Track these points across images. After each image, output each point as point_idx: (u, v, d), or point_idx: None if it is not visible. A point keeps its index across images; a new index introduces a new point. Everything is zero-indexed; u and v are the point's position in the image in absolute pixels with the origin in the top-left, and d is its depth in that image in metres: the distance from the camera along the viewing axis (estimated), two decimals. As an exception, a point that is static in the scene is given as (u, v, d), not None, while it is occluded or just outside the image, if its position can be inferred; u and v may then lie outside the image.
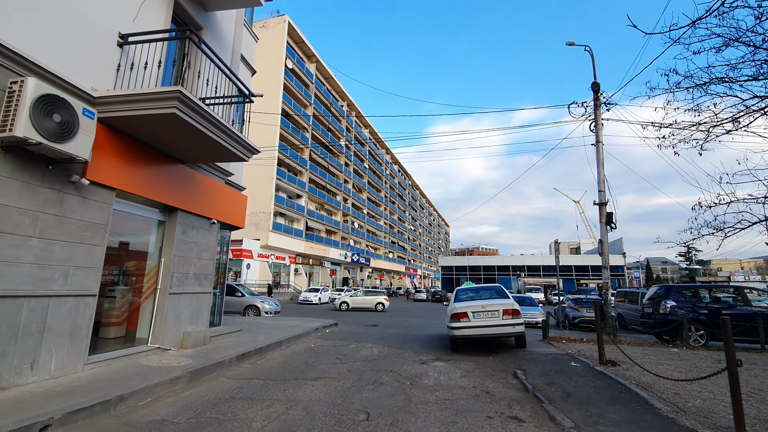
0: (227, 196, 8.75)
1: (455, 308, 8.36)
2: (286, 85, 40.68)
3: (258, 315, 16.18)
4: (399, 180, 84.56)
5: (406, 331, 13.22)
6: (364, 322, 16.74)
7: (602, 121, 14.24)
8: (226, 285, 17.55)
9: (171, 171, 6.90)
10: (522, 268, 51.09)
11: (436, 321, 18.63)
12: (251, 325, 11.71)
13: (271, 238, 36.25)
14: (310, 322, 13.26)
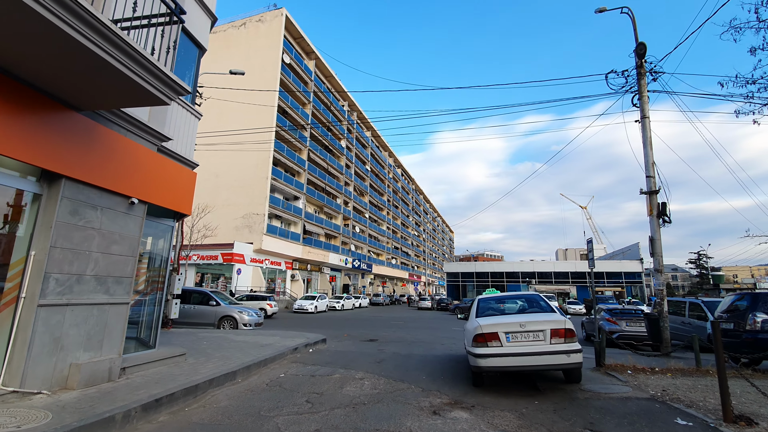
0: (162, 169, 6.33)
1: (480, 326, 5.84)
2: (283, 81, 38.58)
3: (235, 327, 13.70)
4: (402, 184, 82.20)
5: (410, 350, 10.67)
6: (361, 336, 14.20)
7: (648, 94, 11.76)
8: (203, 292, 15.20)
9: (55, 121, 4.52)
10: (532, 274, 48.31)
11: (445, 334, 16.04)
12: (213, 343, 9.22)
13: (266, 242, 33.85)
14: (291, 338, 10.74)
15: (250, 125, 37.65)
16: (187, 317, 13.85)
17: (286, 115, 40.11)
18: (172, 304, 12.68)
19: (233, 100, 39.12)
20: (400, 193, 79.87)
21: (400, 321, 23.81)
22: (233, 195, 35.93)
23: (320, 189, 45.96)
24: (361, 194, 58.73)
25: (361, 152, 59.12)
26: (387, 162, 72.76)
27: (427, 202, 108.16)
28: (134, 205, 5.71)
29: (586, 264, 49.82)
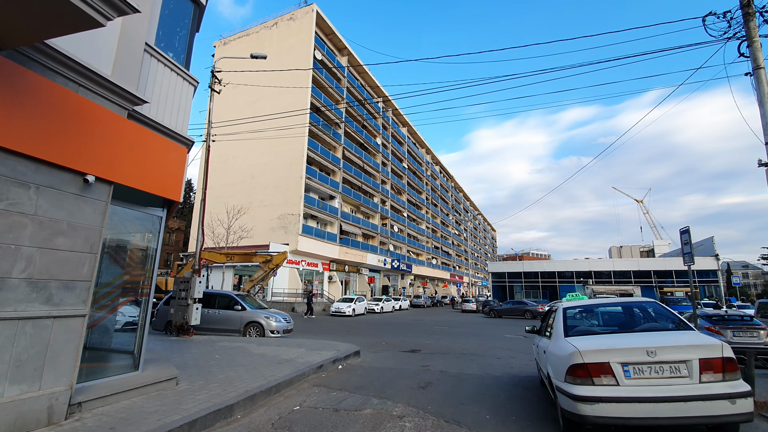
0: (137, 141, 4.91)
1: (578, 351, 3.83)
2: (315, 77, 37.77)
3: (261, 334, 12.40)
4: (441, 181, 79.56)
5: (460, 366, 8.72)
6: (401, 345, 12.41)
7: (764, 37, 8.99)
8: (227, 295, 14.10)
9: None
10: (588, 274, 44.11)
11: (497, 343, 13.85)
12: (226, 357, 7.81)
13: (301, 243, 33.02)
14: (318, 350, 9.14)
15: (282, 124, 37.18)
16: (211, 323, 12.75)
17: (319, 112, 39.26)
18: (192, 309, 11.60)
19: (265, 97, 38.94)
20: (439, 191, 77.27)
21: (444, 326, 21.74)
22: (268, 196, 35.53)
23: (356, 188, 44.78)
24: (398, 192, 57.03)
25: (397, 149, 57.43)
26: (424, 159, 70.55)
27: (467, 200, 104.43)
28: (91, 185, 4.29)
29: (650, 262, 45.03)
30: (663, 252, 61.38)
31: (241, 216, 30.33)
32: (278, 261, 17.85)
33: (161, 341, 10.50)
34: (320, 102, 38.13)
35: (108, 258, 5.28)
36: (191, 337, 11.44)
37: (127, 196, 5.09)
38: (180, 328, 11.49)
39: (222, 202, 32.84)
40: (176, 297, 11.69)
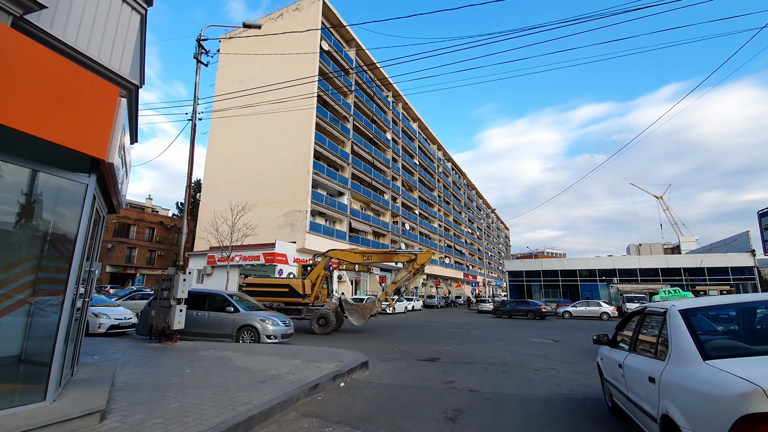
0: (33, 64, 3.29)
1: (762, 388, 2.06)
2: (322, 69, 36.26)
3: (256, 340, 10.80)
4: (453, 178, 77.47)
5: (493, 382, 6.96)
6: (417, 351, 10.67)
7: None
8: (218, 295, 12.51)
9: None
10: (612, 272, 41.61)
11: (526, 348, 12.00)
12: (198, 372, 6.20)
13: (309, 240, 31.51)
14: (317, 362, 7.47)
15: (289, 117, 35.79)
16: (200, 327, 11.22)
17: (326, 105, 37.82)
18: (175, 311, 10.02)
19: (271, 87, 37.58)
20: (451, 189, 75.17)
21: (462, 328, 19.90)
22: (275, 192, 34.16)
23: (366, 184, 43.16)
24: (409, 189, 55.24)
25: (408, 145, 55.65)
26: (436, 155, 68.61)
27: (480, 198, 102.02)
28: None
29: (679, 258, 42.28)
30: (690, 249, 58.14)
31: (245, 213, 28.95)
32: (423, 260, 15.76)
33: (136, 348, 8.98)
34: (327, 94, 36.63)
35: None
36: (174, 344, 9.90)
37: (24, 149, 3.49)
38: (161, 333, 9.97)
39: (228, 199, 31.55)
40: (157, 297, 10.18)
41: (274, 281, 16.77)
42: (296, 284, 15.89)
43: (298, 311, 15.78)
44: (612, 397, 4.70)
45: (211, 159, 39.77)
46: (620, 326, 4.68)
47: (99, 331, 12.63)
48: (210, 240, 31.49)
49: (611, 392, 4.55)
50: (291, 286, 15.87)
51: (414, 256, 15.97)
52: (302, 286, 15.79)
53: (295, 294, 15.75)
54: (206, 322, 11.24)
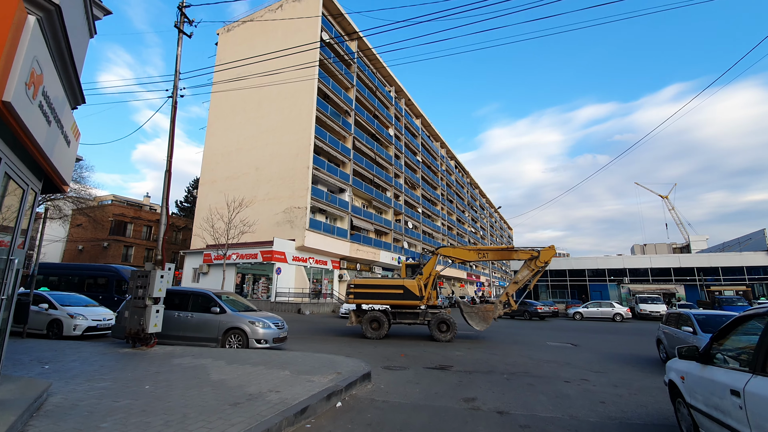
0: None
1: None
2: (323, 61, 35.06)
3: (244, 345, 9.59)
4: (456, 177, 76.11)
5: (524, 400, 5.71)
6: (425, 358, 9.43)
7: None
8: (202, 294, 11.23)
9: None
10: (622, 271, 40.25)
11: (545, 353, 10.73)
12: (159, 388, 4.99)
13: (309, 238, 30.30)
14: (309, 374, 6.25)
15: (288, 110, 34.64)
16: (183, 330, 10.02)
17: (327, 99, 36.62)
18: (151, 312, 8.77)
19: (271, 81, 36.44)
20: (455, 187, 73.85)
21: (470, 330, 18.63)
22: (273, 188, 32.98)
23: (368, 181, 41.93)
24: (412, 187, 53.97)
25: (411, 141, 54.40)
26: (439, 153, 67.32)
27: (483, 197, 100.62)
28: None
29: (692, 258, 40.84)
30: (700, 248, 56.62)
31: (243, 209, 27.80)
32: (546, 258, 14.20)
33: (102, 355, 7.78)
34: (328, 87, 35.44)
35: None
36: (149, 350, 8.70)
37: None
38: (135, 337, 8.77)
39: (225, 196, 30.40)
40: (132, 296, 8.98)
41: (386, 282, 15.17)
42: (412, 285, 14.08)
43: (415, 315, 14.24)
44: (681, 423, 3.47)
45: (209, 155, 38.64)
46: (719, 336, 3.44)
47: (74, 333, 11.47)
48: (206, 237, 30.35)
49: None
50: (406, 287, 14.13)
51: (536, 253, 14.32)
52: (419, 288, 14.05)
53: (411, 296, 14.01)
54: (189, 324, 10.04)
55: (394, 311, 14.38)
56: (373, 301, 14.48)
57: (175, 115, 9.48)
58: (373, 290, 14.56)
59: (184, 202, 55.92)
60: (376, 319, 14.04)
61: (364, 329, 13.96)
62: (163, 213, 9.21)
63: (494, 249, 15.62)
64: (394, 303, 14.36)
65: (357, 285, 14.68)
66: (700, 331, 8.84)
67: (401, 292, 14.15)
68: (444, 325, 13.75)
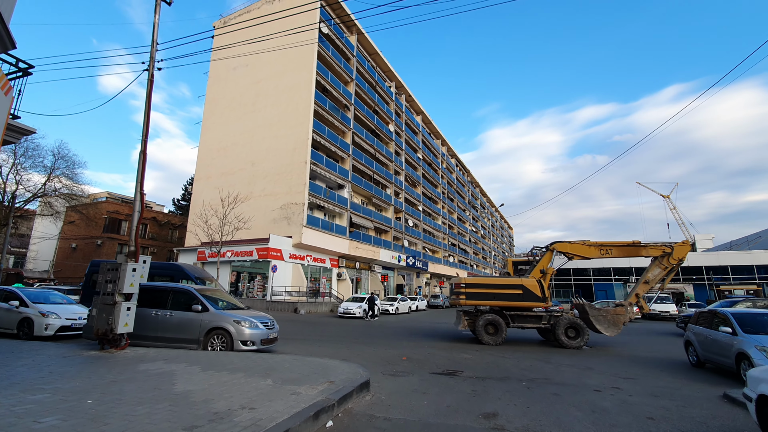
0: None
1: None
2: (321, 54, 34.06)
3: (228, 347, 8.56)
4: (457, 175, 75.10)
5: (555, 417, 4.68)
6: (430, 361, 8.39)
7: None
8: (182, 290, 10.01)
9: None
10: (628, 270, 39.27)
11: (562, 358, 9.65)
12: (113, 396, 3.97)
13: (306, 235, 29.27)
14: (296, 383, 5.23)
15: (285, 104, 33.62)
16: (161, 330, 8.98)
17: (326, 93, 35.60)
18: (121, 310, 7.72)
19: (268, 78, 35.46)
20: (455, 185, 72.82)
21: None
22: (270, 184, 31.94)
23: (368, 177, 40.91)
24: (413, 185, 52.94)
25: (411, 138, 53.39)
26: (440, 151, 66.31)
27: (483, 196, 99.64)
28: None
29: (701, 256, 39.76)
30: (706, 247, 55.63)
31: (237, 205, 26.78)
32: (681, 255, 12.65)
33: (63, 358, 6.75)
34: (326, 80, 34.41)
35: None
36: (119, 352, 7.68)
37: None
38: (103, 338, 7.74)
39: (220, 192, 29.37)
40: (101, 292, 7.95)
41: (502, 281, 13.36)
42: (532, 285, 12.69)
43: (536, 318, 12.86)
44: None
45: (204, 150, 37.61)
46: None
47: (46, 333, 10.43)
48: (199, 234, 29.32)
49: None
50: (526, 286, 12.70)
51: (669, 249, 12.98)
52: (540, 287, 12.65)
53: (531, 297, 12.60)
54: (168, 323, 9.01)
55: (512, 314, 12.90)
56: (487, 302, 12.97)
57: (151, 90, 8.44)
58: (487, 290, 13.04)
59: (182, 200, 54.93)
60: (492, 322, 12.60)
61: (479, 334, 12.51)
62: (136, 199, 8.18)
63: (618, 244, 13.73)
64: (511, 304, 12.85)
65: (468, 284, 13.14)
66: (741, 332, 7.85)
67: (520, 293, 12.68)
68: (573, 329, 12.35)
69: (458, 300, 13.04)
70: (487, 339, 12.44)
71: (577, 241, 13.79)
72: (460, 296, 12.94)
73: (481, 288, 13.08)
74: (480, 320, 12.65)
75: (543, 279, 12.91)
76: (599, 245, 13.63)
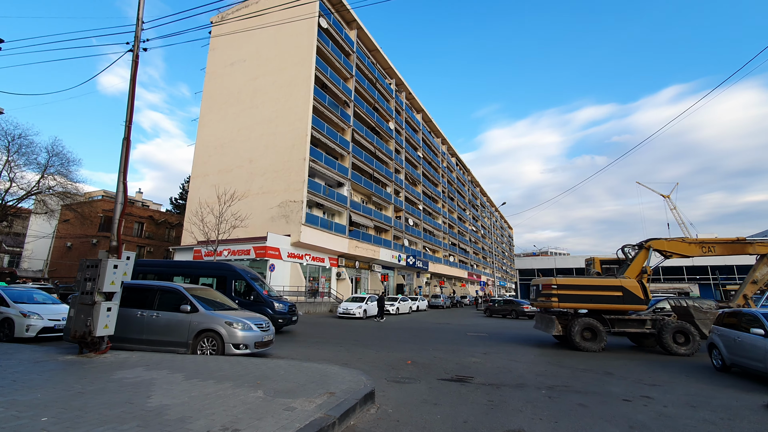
0: None
1: None
2: (321, 49, 33.39)
3: (219, 350, 7.91)
4: (457, 174, 74.47)
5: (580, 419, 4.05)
6: (437, 365, 7.74)
7: None
8: (169, 289, 9.12)
9: None
10: (632, 270, 38.66)
11: (577, 362, 8.99)
12: (72, 414, 3.31)
13: (305, 234, 28.60)
14: (290, 395, 4.58)
15: (284, 100, 32.94)
16: (147, 332, 8.33)
17: (325, 89, 34.93)
18: (101, 311, 7.08)
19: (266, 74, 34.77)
20: (456, 184, 72.17)
21: (482, 332, 17.01)
22: (268, 181, 31.26)
23: (367, 175, 40.25)
24: (413, 183, 52.30)
25: (411, 136, 52.76)
26: (440, 149, 65.68)
27: (483, 195, 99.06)
28: None
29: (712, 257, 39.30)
30: (709, 247, 55.22)
31: (235, 202, 26.11)
32: None
33: (34, 364, 6.09)
34: (326, 76, 33.74)
35: None
36: (99, 357, 7.02)
37: None
38: (81, 341, 7.08)
39: (217, 189, 28.69)
40: (79, 291, 7.29)
41: (598, 282, 12.10)
42: (632, 286, 11.59)
43: (639, 323, 11.82)
44: None
45: (201, 147, 36.90)
46: None
47: (27, 335, 9.78)
48: (195, 233, 28.64)
49: None
50: (626, 287, 11.59)
51: None
52: (642, 289, 11.57)
53: (632, 299, 11.49)
54: (155, 325, 8.35)
55: (612, 318, 11.87)
56: (583, 305, 11.94)
57: (135, 72, 7.79)
58: (583, 292, 11.93)
59: (179, 199, 54.20)
60: (590, 327, 11.60)
61: (575, 340, 11.50)
62: (119, 189, 7.53)
63: (722, 241, 12.58)
64: (610, 307, 11.78)
65: (561, 285, 12.03)
66: (776, 334, 7.23)
67: (620, 295, 11.58)
68: (681, 334, 11.31)
69: (549, 302, 11.95)
70: (584, 345, 11.41)
71: (676, 238, 12.74)
72: (552, 298, 11.88)
73: (575, 289, 11.96)
74: (575, 325, 11.59)
75: (643, 277, 11.89)
76: (700, 242, 12.56)
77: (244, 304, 12.96)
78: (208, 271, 15.63)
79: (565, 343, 12.21)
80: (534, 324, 14.09)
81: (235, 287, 14.42)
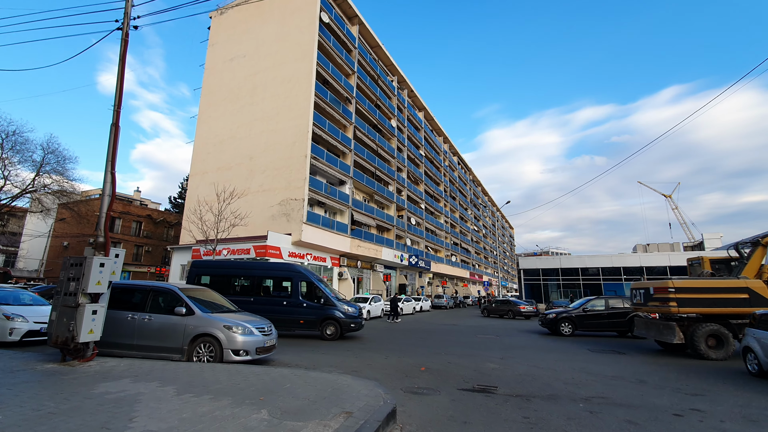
0: None
1: None
2: (322, 43, 32.67)
3: (218, 357, 7.22)
4: (459, 173, 73.84)
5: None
6: (454, 373, 7.04)
7: None
8: (163, 290, 8.35)
9: None
10: (638, 270, 38.02)
11: (601, 367, 8.29)
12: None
13: (306, 232, 27.91)
14: (299, 417, 3.88)
15: (284, 95, 32.22)
16: (138, 337, 7.63)
17: (326, 85, 34.23)
18: (85, 313, 6.35)
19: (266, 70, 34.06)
20: (458, 183, 71.52)
21: (491, 334, 16.32)
22: (268, 179, 30.55)
23: (369, 173, 39.55)
24: (415, 182, 51.61)
25: (413, 134, 52.07)
26: (442, 148, 65.02)
27: (485, 195, 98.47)
28: None
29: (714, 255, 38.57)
30: (715, 246, 54.45)
31: (234, 200, 25.39)
32: None
33: (9, 374, 5.39)
34: (327, 72, 33.02)
35: None
36: (84, 364, 6.32)
37: None
38: (64, 348, 6.39)
39: (216, 187, 27.97)
40: (62, 291, 6.59)
41: (720, 284, 10.91)
42: (760, 287, 10.44)
43: None
44: None
45: (200, 144, 36.16)
46: None
47: (10, 339, 9.07)
48: (194, 232, 27.93)
49: None
50: (753, 289, 10.46)
51: None
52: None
53: (761, 301, 10.39)
54: (147, 329, 7.65)
55: (739, 323, 10.68)
56: (706, 310, 10.79)
57: (125, 51, 7.10)
58: (705, 295, 10.77)
59: (178, 198, 53.47)
60: (715, 333, 10.53)
61: (700, 348, 10.47)
62: (106, 180, 6.84)
63: None
64: (736, 311, 10.65)
65: (679, 288, 10.82)
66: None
67: (746, 297, 10.45)
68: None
69: (667, 308, 10.87)
70: (709, 353, 10.40)
71: None
72: (669, 303, 10.79)
73: (696, 293, 10.81)
74: (698, 331, 10.56)
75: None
76: None
77: (312, 308, 12.90)
78: (273, 272, 14.81)
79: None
80: (635, 330, 12.97)
81: (301, 290, 13.68)
